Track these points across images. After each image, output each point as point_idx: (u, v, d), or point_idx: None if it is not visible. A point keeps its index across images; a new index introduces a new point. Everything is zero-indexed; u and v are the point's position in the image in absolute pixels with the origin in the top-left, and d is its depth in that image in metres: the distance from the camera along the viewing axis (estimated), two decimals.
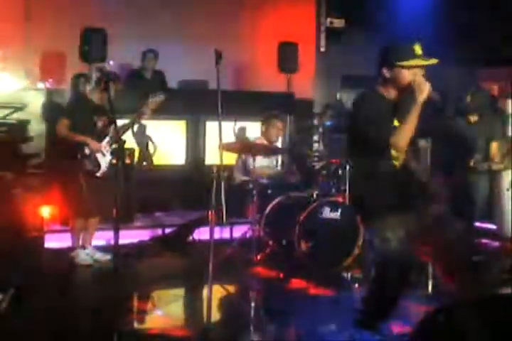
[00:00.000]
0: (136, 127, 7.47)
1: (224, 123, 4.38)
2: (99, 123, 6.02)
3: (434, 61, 3.82)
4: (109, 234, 6.33)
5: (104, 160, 5.98)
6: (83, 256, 6.02)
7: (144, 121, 7.60)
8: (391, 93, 3.92)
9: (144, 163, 8.07)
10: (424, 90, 3.71)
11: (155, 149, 8.15)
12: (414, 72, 3.80)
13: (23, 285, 4.75)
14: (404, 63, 3.81)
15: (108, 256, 6.01)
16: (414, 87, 3.75)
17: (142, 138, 8.02)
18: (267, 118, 6.86)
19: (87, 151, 5.89)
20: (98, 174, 5.94)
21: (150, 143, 8.12)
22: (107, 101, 5.31)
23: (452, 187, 6.15)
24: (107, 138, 6.02)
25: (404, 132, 3.75)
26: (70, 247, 6.10)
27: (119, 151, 5.49)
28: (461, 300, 2.62)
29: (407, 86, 3.81)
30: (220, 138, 4.31)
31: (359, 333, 3.96)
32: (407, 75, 3.82)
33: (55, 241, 6.34)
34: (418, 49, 3.83)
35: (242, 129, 8.07)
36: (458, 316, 2.47)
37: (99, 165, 5.94)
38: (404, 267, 3.92)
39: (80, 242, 6.10)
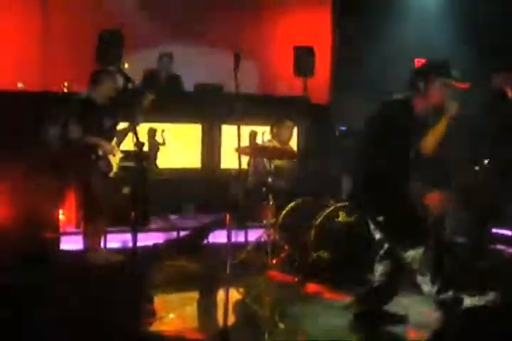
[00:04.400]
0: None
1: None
2: (108, 124, 6.07)
3: (468, 84, 3.96)
4: (123, 237, 6.38)
5: (115, 160, 6.03)
6: (97, 258, 6.01)
7: (157, 125, 7.68)
8: (419, 106, 3.99)
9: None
10: (453, 109, 3.87)
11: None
12: (447, 91, 3.94)
13: (38, 285, 4.76)
14: (445, 80, 3.89)
15: (121, 258, 6.01)
16: (445, 104, 3.88)
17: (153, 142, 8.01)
18: (278, 119, 6.86)
19: (100, 152, 5.93)
20: (110, 174, 5.99)
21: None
22: (126, 102, 5.35)
23: None
24: (115, 139, 6.07)
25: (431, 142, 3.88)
26: (84, 249, 6.11)
27: (138, 154, 5.50)
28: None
29: (438, 102, 3.92)
30: (239, 142, 4.29)
31: None
32: (442, 92, 3.92)
33: (69, 243, 6.37)
34: (455, 72, 3.99)
35: (253, 134, 8.05)
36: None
37: (111, 166, 5.99)
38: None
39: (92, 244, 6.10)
